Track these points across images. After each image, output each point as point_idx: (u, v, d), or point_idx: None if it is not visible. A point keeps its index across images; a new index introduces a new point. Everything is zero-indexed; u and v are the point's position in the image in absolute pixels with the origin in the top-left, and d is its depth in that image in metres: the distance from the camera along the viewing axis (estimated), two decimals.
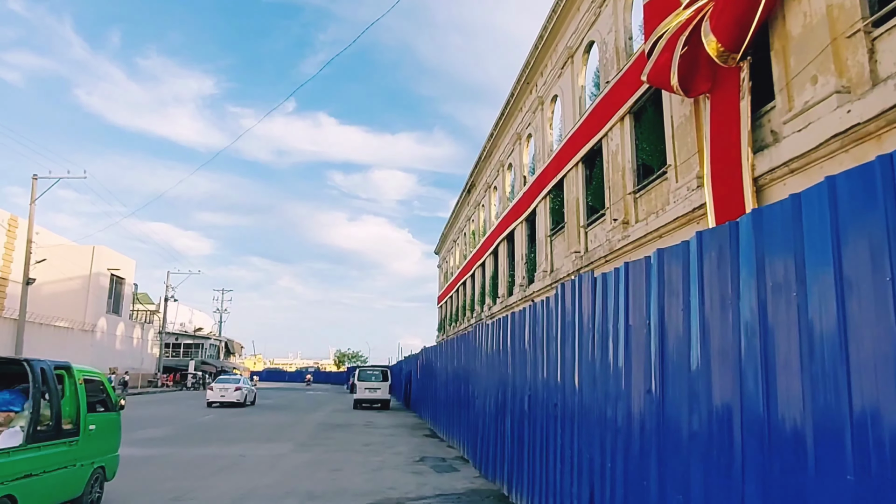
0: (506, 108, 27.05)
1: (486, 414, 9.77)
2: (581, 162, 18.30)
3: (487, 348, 9.90)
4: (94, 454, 7.42)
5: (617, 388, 4.69)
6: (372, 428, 18.38)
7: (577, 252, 18.14)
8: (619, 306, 4.79)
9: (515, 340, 8.03)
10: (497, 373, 9.16)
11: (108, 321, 43.38)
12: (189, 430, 16.71)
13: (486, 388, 9.90)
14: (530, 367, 7.30)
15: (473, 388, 11.05)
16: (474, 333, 11.24)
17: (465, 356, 12.23)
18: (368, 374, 27.85)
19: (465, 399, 11.99)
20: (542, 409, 6.77)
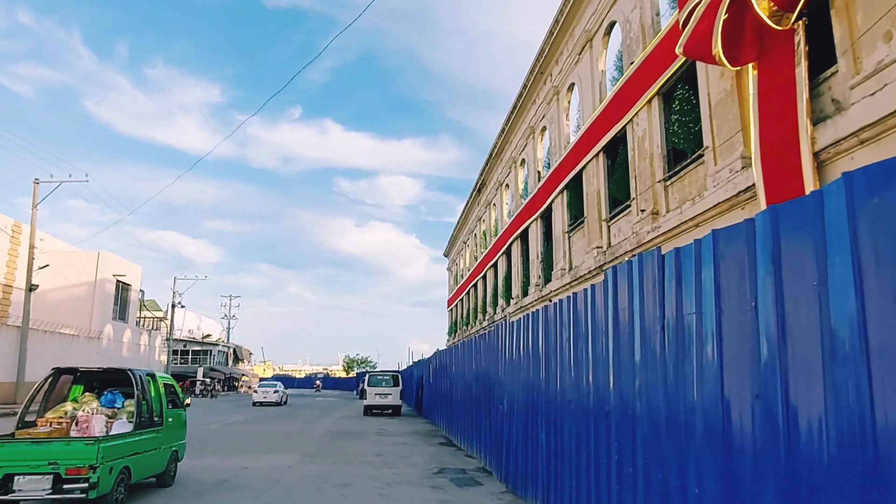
0: (518, 102, 26.02)
1: (513, 422, 8.71)
2: (602, 152, 17.22)
3: (513, 349, 8.84)
4: (171, 440, 9.68)
5: (707, 393, 3.62)
6: (383, 436, 17.34)
7: (599, 247, 17.06)
8: (703, 288, 3.72)
9: (551, 338, 6.98)
10: (526, 375, 8.10)
11: (115, 328, 42.62)
12: (190, 439, 15.70)
13: (512, 392, 8.84)
14: (570, 368, 6.25)
15: (496, 393, 9.99)
16: (496, 333, 10.18)
17: (485, 358, 11.17)
18: (379, 380, 26.79)
19: (486, 405, 10.92)
20: (588, 417, 5.72)
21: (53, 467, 7.09)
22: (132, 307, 45.53)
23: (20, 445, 7.36)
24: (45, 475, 7.08)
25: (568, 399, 6.30)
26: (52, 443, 7.42)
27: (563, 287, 19.85)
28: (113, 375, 9.60)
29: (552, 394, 6.87)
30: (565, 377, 6.45)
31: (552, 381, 6.87)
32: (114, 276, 42.28)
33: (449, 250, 54.42)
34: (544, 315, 7.28)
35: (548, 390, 6.99)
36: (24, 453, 7.19)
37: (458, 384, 14.89)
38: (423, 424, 21.62)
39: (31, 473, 7.09)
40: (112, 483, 7.50)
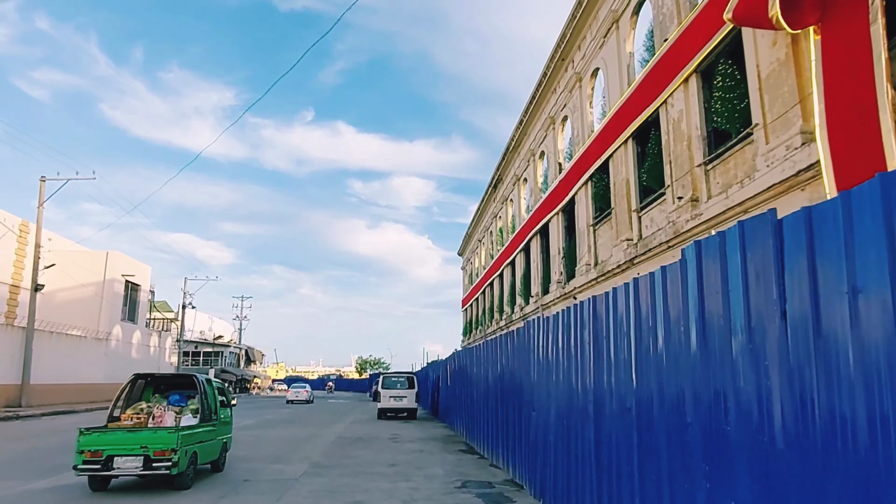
0: (537, 91, 24.91)
1: (551, 430, 7.62)
2: (632, 138, 16.09)
3: (550, 348, 7.75)
4: (222, 433, 11.40)
5: (884, 406, 2.52)
6: (398, 442, 16.29)
7: (629, 240, 15.92)
8: (868, 255, 2.64)
9: (601, 335, 5.89)
10: (567, 378, 7.02)
11: (124, 329, 41.97)
12: None
13: (549, 396, 7.75)
14: (630, 369, 5.17)
15: (528, 397, 8.90)
16: (528, 331, 9.10)
17: (513, 359, 10.08)
18: (393, 382, 25.71)
19: (514, 410, 9.83)
20: (656, 428, 4.63)
21: (144, 450, 8.88)
22: (142, 308, 44.87)
23: (118, 433, 9.16)
24: (137, 456, 8.86)
25: (626, 406, 5.22)
26: (142, 431, 9.31)
27: (588, 283, 18.72)
28: (178, 380, 11.82)
29: (603, 399, 5.79)
30: (621, 380, 5.37)
31: (603, 385, 5.78)
32: (123, 276, 41.63)
33: (463, 249, 53.32)
34: (591, 308, 6.19)
35: (599, 395, 5.90)
36: (121, 440, 8.98)
37: (479, 387, 13.81)
38: (441, 429, 20.54)
39: (127, 455, 8.86)
40: (186, 463, 9.30)
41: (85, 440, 8.86)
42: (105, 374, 39.39)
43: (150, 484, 9.71)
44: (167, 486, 9.38)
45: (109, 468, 8.80)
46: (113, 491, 9.32)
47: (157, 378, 11.72)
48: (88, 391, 37.10)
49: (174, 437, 9.04)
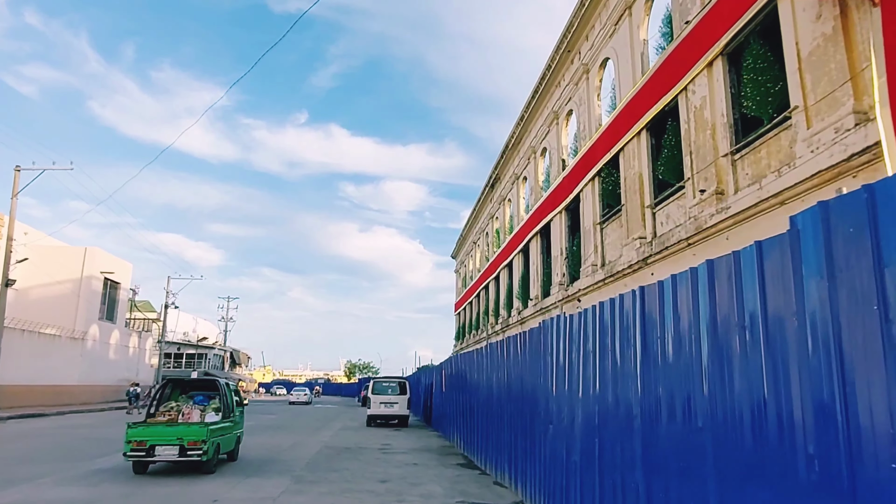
0: (540, 85, 23.88)
1: (575, 447, 6.47)
2: (646, 129, 15.05)
3: (576, 351, 6.60)
4: (237, 428, 13.14)
5: None
6: (390, 453, 15.06)
7: (642, 238, 14.85)
8: None
9: (652, 337, 4.76)
10: (600, 388, 5.88)
11: (101, 328, 40.34)
12: None
13: (573, 408, 6.60)
14: (723, 377, 4.02)
15: (544, 408, 7.74)
16: (544, 333, 7.95)
17: (524, 364, 8.92)
18: (384, 387, 24.42)
19: (526, 422, 8.67)
20: (734, 453, 3.48)
21: (179, 441, 10.64)
22: (121, 307, 43.26)
23: (158, 427, 10.93)
24: (174, 446, 10.63)
25: (698, 426, 4.07)
26: (178, 425, 11.07)
27: (595, 285, 17.63)
28: (201, 382, 13.68)
29: (656, 414, 4.65)
30: (687, 391, 4.23)
31: (657, 396, 4.64)
32: (101, 273, 40.04)
33: (457, 252, 52.16)
34: (637, 302, 5.05)
35: (650, 409, 4.75)
36: (160, 432, 10.76)
37: (481, 394, 12.63)
38: (435, 439, 19.32)
39: (166, 444, 10.63)
40: (213, 452, 11.09)
41: (132, 432, 10.71)
42: (80, 376, 37.78)
43: (180, 469, 11.42)
44: (194, 471, 11.20)
45: (152, 455, 10.66)
46: (151, 474, 11.04)
47: (183, 381, 13.71)
48: (62, 393, 35.48)
49: (204, 431, 10.91)
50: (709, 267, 4.07)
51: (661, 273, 13.82)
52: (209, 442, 10.84)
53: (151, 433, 10.72)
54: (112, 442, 16.20)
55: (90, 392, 38.57)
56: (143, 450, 10.54)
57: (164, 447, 10.63)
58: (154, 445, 10.59)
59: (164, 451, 10.62)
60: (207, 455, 10.76)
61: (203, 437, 10.75)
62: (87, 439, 16.97)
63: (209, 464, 11.07)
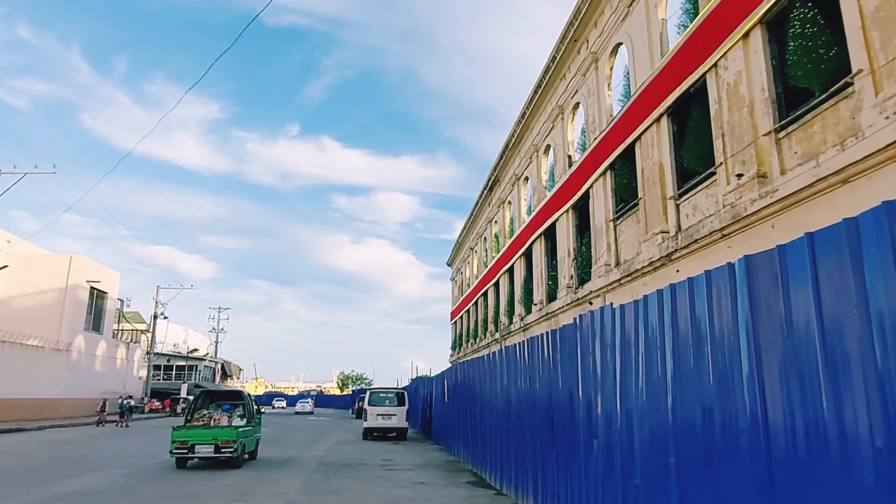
0: (543, 79, 22.77)
1: (637, 471, 5.21)
2: (666, 115, 13.92)
3: (635, 348, 5.35)
4: (257, 432, 15.80)
5: None
6: (392, 469, 13.72)
7: (665, 232, 13.67)
8: None
9: (775, 336, 3.52)
10: (682, 396, 4.63)
11: (87, 339, 38.75)
12: (137, 477, 12.08)
13: (635, 419, 5.34)
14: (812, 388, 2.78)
15: (584, 420, 6.47)
16: (582, 329, 6.70)
17: (553, 370, 7.65)
18: (381, 398, 23.02)
19: (560, 435, 7.39)
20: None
21: (214, 441, 12.95)
22: (108, 317, 41.69)
23: (197, 430, 13.33)
24: (210, 445, 12.92)
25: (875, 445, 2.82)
26: (212, 428, 13.46)
27: (609, 286, 16.41)
28: (228, 394, 16.57)
29: (780, 435, 3.39)
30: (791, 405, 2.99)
31: (785, 409, 3.39)
32: (87, 282, 38.52)
33: (453, 259, 50.88)
34: (742, 280, 3.81)
35: (778, 427, 3.49)
36: (199, 434, 13.12)
37: (494, 404, 11.33)
38: (437, 453, 17.96)
39: (203, 444, 12.94)
40: (240, 451, 13.45)
41: (176, 434, 13.07)
42: (65, 389, 36.18)
43: (212, 465, 13.56)
44: (224, 467, 13.35)
45: (193, 452, 12.95)
46: (190, 469, 13.16)
47: (213, 392, 16.44)
48: (45, 407, 33.87)
49: (235, 432, 13.33)
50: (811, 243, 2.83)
51: (689, 270, 12.62)
52: (238, 441, 13.32)
53: (192, 435, 13.17)
54: (85, 460, 14.79)
55: (75, 405, 36.94)
56: (185, 448, 12.98)
57: (202, 446, 13.00)
58: (194, 444, 13.00)
59: (202, 449, 12.99)
60: (237, 452, 13.28)
61: (234, 438, 13.22)
62: (59, 458, 15.54)
63: (237, 460, 13.53)
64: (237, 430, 13.39)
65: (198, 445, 12.92)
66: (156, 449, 18.09)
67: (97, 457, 15.73)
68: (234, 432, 13.24)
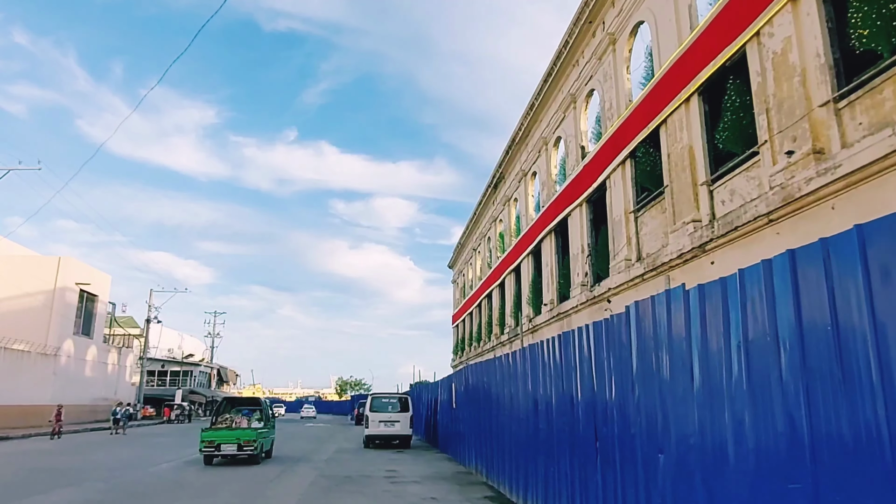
0: (554, 67, 21.64)
1: (730, 493, 4.00)
2: (697, 94, 12.78)
3: (718, 344, 4.16)
4: (272, 434, 17.78)
5: None
6: (399, 483, 12.48)
7: (696, 221, 12.50)
8: None
9: None
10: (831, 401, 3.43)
11: (76, 344, 37.39)
12: (115, 492, 10.83)
13: (727, 430, 4.14)
14: None
15: (653, 430, 5.27)
16: (642, 321, 5.50)
17: (603, 369, 6.44)
18: (384, 404, 21.75)
19: (609, 448, 6.19)
20: None
21: (237, 441, 15.15)
22: (99, 321, 40.34)
23: (222, 431, 15.60)
24: (233, 444, 15.13)
25: None
26: (235, 430, 15.77)
27: (630, 282, 15.22)
28: (247, 400, 19.16)
29: None
30: None
31: None
32: (76, 284, 37.19)
33: (455, 261, 49.66)
34: None
35: None
36: (224, 435, 15.37)
37: (514, 411, 10.10)
38: (446, 463, 16.70)
39: (228, 443, 15.14)
40: (259, 449, 15.76)
41: (204, 435, 15.08)
42: (53, 395, 34.73)
43: (235, 462, 15.34)
44: (246, 463, 15.25)
45: (219, 450, 14.90)
46: (216, 465, 14.95)
47: (235, 399, 19.21)
48: (32, 414, 32.50)
49: (254, 433, 15.37)
50: None
51: (726, 261, 11.45)
52: (257, 441, 15.47)
53: (218, 435, 15.25)
54: (64, 473, 13.53)
55: (64, 412, 35.54)
56: (212, 447, 15.03)
57: (227, 445, 15.05)
58: (220, 444, 15.03)
59: (227, 448, 15.07)
60: (257, 451, 15.44)
61: (254, 438, 15.35)
62: (37, 470, 14.27)
63: (257, 458, 15.65)
64: (256, 432, 15.60)
65: (223, 445, 15.05)
66: (142, 460, 16.81)
67: (78, 469, 14.45)
68: (254, 433, 15.48)
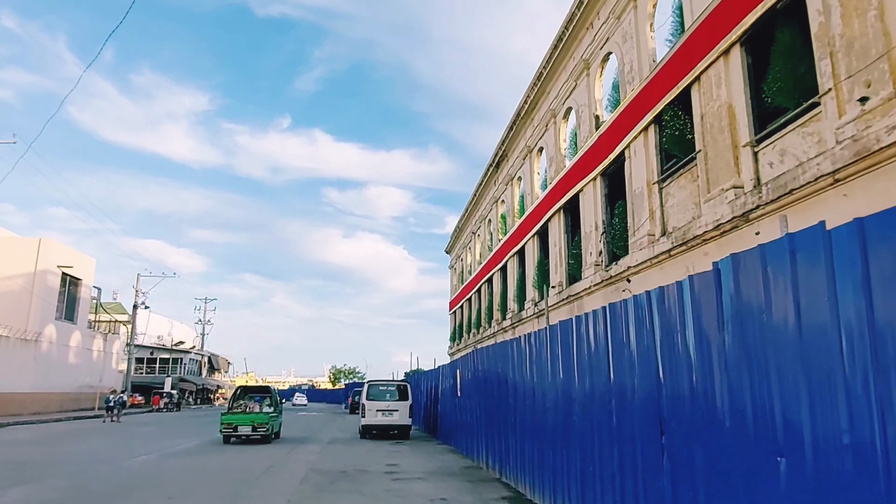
0: (565, 32, 20.15)
1: None
2: (740, 44, 11.36)
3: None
4: (280, 417, 20.55)
5: None
6: (401, 479, 11.13)
7: (737, 188, 11.12)
8: None
9: None
10: None
11: (59, 329, 35.82)
12: (74, 493, 9.43)
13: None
14: None
15: (761, 426, 3.90)
16: (726, 281, 4.10)
17: (677, 349, 5.05)
18: (382, 392, 20.39)
19: (696, 449, 4.82)
20: None
21: (252, 423, 17.67)
22: (83, 305, 38.75)
23: (238, 415, 18.18)
24: (248, 426, 17.64)
25: None
26: (250, 413, 18.44)
27: (655, 259, 13.87)
28: (259, 389, 22.46)
29: None
30: None
31: None
32: (59, 267, 35.56)
33: (452, 245, 48.24)
34: None
35: None
36: (240, 418, 17.92)
37: (538, 399, 8.73)
38: (450, 455, 15.38)
39: (243, 425, 17.66)
40: (271, 431, 18.47)
41: (224, 418, 18.01)
42: (34, 383, 33.31)
43: (250, 441, 17.98)
44: (259, 442, 17.83)
45: (236, 431, 17.74)
46: (233, 444, 17.51)
47: (248, 388, 22.26)
48: (10, 402, 31.05)
49: (266, 417, 18.21)
50: None
51: (775, 230, 10.12)
52: (269, 424, 17.97)
53: (235, 419, 17.81)
54: (31, 466, 12.13)
55: (45, 400, 34.11)
56: (231, 428, 17.60)
57: (243, 427, 17.60)
58: (237, 426, 17.61)
59: (243, 429, 17.59)
60: (268, 432, 17.91)
61: (266, 421, 17.86)
62: (7, 463, 12.86)
63: (269, 438, 18.17)
64: (268, 416, 18.37)
65: (240, 427, 17.75)
66: (119, 452, 15.42)
67: (45, 463, 13.05)
68: (266, 417, 18.19)
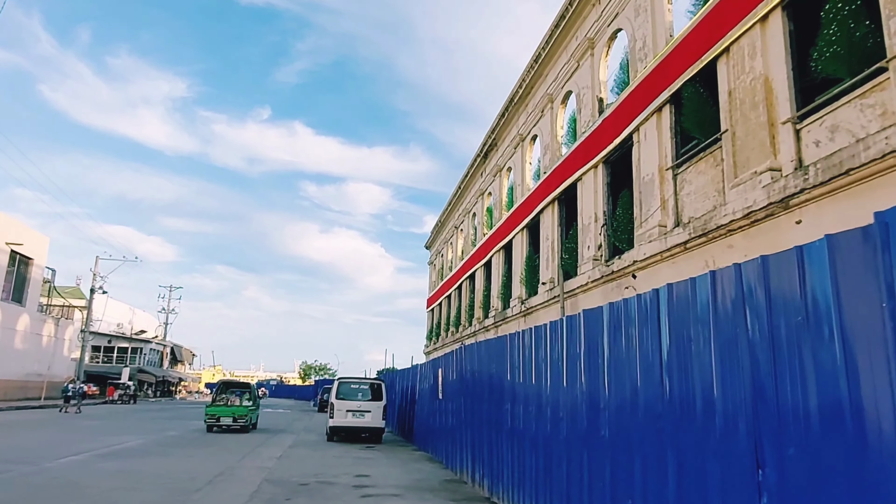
0: (568, 8, 18.67)
1: None
2: (781, 8, 9.94)
3: None
4: (258, 410, 23.66)
5: None
6: (371, 496, 9.45)
7: (774, 170, 9.69)
8: None
9: None
10: None
11: (5, 311, 33.24)
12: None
13: None
14: None
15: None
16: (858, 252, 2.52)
17: (767, 336, 3.49)
18: (353, 390, 18.59)
19: (735, 465, 3.22)
20: None
21: (233, 414, 20.52)
22: (33, 287, 36.15)
23: (221, 407, 20.94)
24: (230, 417, 20.39)
25: None
26: (231, 406, 21.40)
27: (667, 252, 12.41)
28: (239, 384, 24.85)
29: None
30: None
31: None
32: (7, 244, 32.99)
33: (433, 241, 46.57)
34: None
35: None
36: (223, 410, 20.66)
37: (546, 406, 7.13)
38: (427, 464, 13.72)
39: (225, 417, 20.37)
40: (250, 423, 21.14)
41: (208, 410, 20.45)
42: None
43: (231, 430, 20.31)
44: (239, 432, 20.21)
45: (219, 422, 20.25)
46: (216, 432, 19.72)
47: (230, 382, 25.04)
48: None
49: (246, 409, 21.10)
50: None
51: (821, 218, 8.71)
52: (248, 416, 20.84)
53: (218, 411, 20.50)
54: None
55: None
56: (214, 419, 20.25)
57: (225, 418, 20.31)
58: (220, 417, 20.30)
59: (225, 420, 20.28)
60: (247, 423, 20.71)
61: (245, 413, 20.81)
62: None
63: (248, 428, 20.78)
64: (247, 409, 21.17)
65: (222, 418, 20.15)
66: (48, 449, 13.44)
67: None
68: (245, 409, 20.97)
